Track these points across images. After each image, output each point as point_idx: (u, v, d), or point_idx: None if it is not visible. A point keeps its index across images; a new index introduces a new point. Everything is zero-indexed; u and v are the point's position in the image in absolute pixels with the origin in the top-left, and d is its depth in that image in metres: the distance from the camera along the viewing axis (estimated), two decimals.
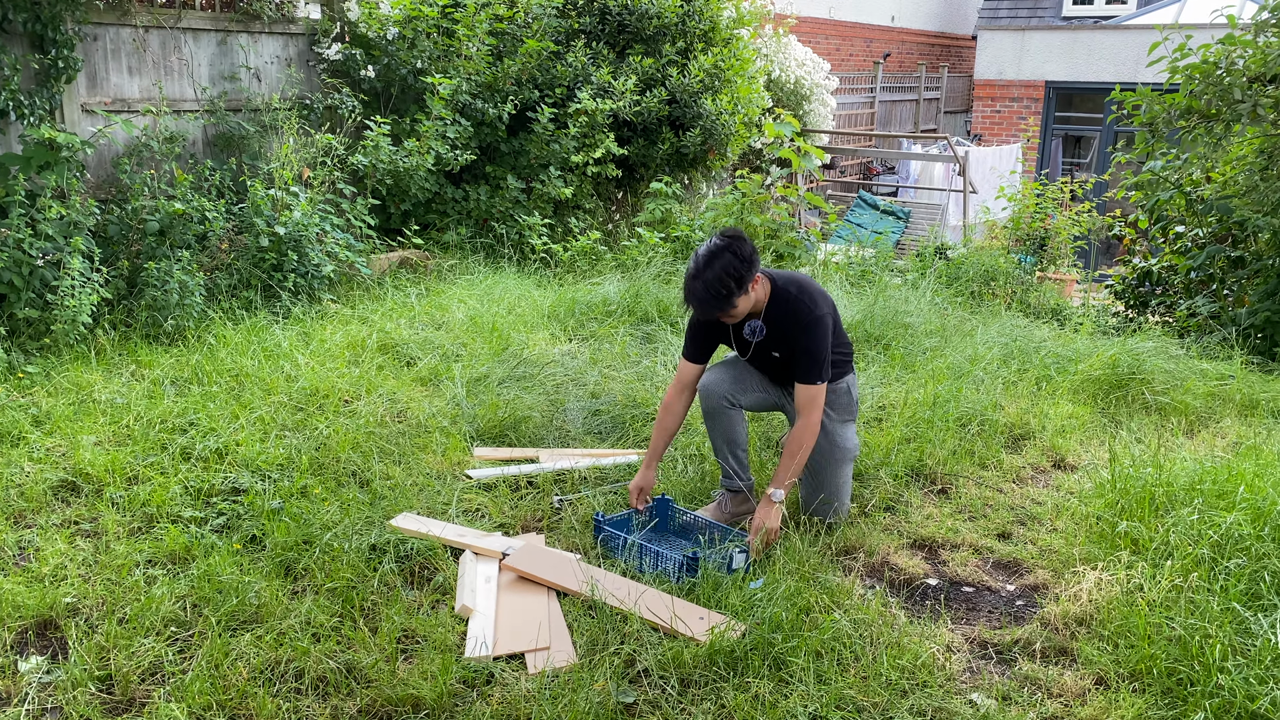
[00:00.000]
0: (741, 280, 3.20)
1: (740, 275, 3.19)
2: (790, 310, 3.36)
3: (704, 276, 3.18)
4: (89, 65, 5.75)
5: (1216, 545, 3.10)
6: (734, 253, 3.19)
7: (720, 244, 3.20)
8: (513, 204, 7.51)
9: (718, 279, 3.17)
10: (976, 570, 3.35)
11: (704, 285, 3.18)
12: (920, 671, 2.70)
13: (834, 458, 3.51)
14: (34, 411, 4.16)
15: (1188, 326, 6.68)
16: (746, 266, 3.20)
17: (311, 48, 6.97)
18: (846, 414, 3.57)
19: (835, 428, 3.53)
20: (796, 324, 3.34)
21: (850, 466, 3.58)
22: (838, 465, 3.51)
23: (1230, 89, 5.94)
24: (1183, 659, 2.67)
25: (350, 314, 5.72)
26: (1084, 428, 4.60)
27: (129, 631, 2.73)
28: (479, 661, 2.69)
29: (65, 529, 3.34)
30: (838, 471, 3.52)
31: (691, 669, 2.67)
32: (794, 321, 3.35)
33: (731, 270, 3.17)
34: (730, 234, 3.24)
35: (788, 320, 3.36)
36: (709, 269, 3.18)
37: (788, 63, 11.30)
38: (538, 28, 7.81)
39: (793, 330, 3.35)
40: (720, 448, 3.56)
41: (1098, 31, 16.29)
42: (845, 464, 3.54)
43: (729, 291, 3.19)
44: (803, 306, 3.34)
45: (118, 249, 5.39)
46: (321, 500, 3.51)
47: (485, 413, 4.36)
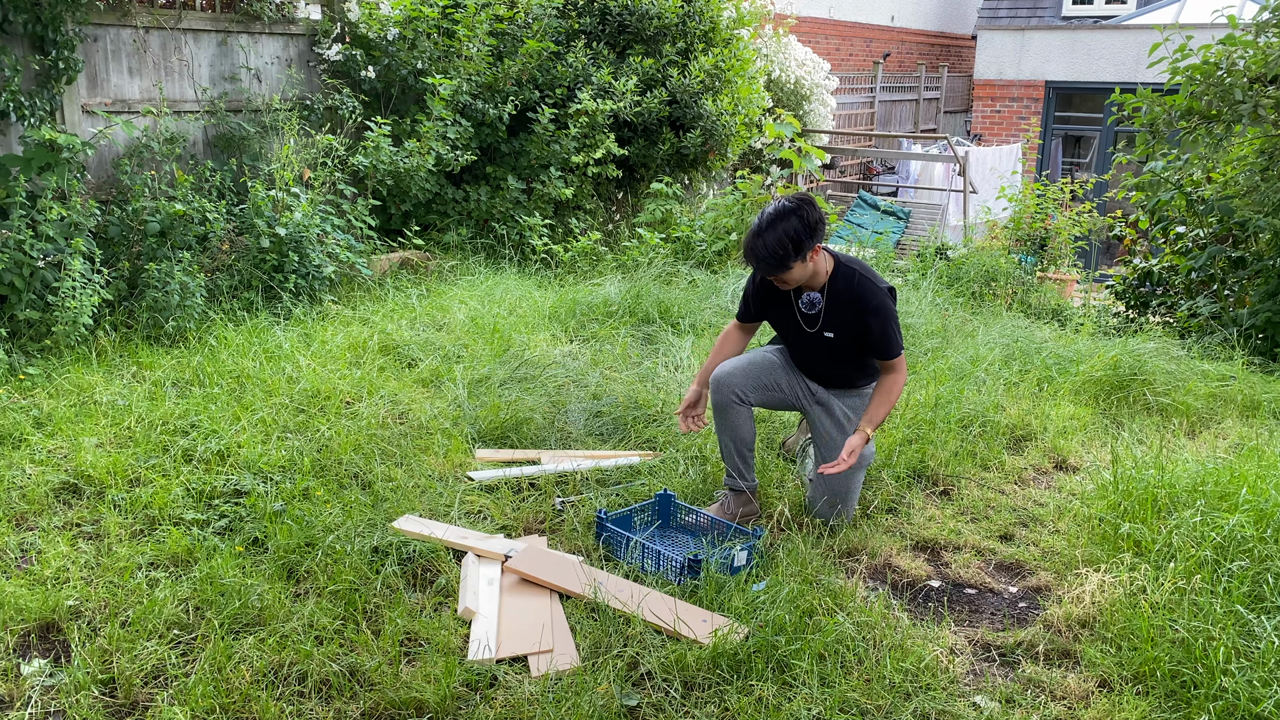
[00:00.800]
0: (801, 245, 3.20)
1: (800, 240, 3.19)
2: (853, 289, 3.36)
3: (765, 235, 3.20)
4: (89, 66, 5.75)
5: (1219, 547, 3.10)
6: (800, 217, 3.20)
7: (788, 206, 3.22)
8: (513, 204, 7.51)
9: (779, 240, 3.18)
10: (979, 572, 3.35)
11: (764, 244, 3.19)
12: (923, 674, 2.70)
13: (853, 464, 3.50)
14: (35, 413, 4.15)
15: (1189, 327, 6.68)
16: (809, 233, 3.21)
17: (312, 48, 6.96)
18: None
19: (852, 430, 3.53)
20: (860, 304, 3.34)
21: (863, 474, 3.59)
22: (851, 472, 3.51)
23: (1231, 89, 5.94)
24: (1186, 661, 2.67)
25: (351, 315, 5.72)
26: (1085, 429, 4.60)
27: (131, 634, 2.73)
28: (482, 664, 2.69)
29: (67, 531, 3.34)
30: (850, 478, 3.51)
31: (695, 672, 2.66)
32: (857, 301, 3.34)
33: (793, 233, 3.18)
34: (801, 198, 3.26)
35: (850, 299, 3.36)
36: (772, 229, 3.19)
37: (788, 63, 11.30)
38: (538, 28, 7.81)
39: (854, 309, 3.35)
40: (727, 445, 3.56)
41: (1098, 31, 16.29)
42: (859, 471, 3.54)
43: (786, 254, 3.19)
44: (866, 286, 3.36)
45: (118, 250, 5.38)
46: (323, 502, 3.51)
47: (487, 414, 4.36)
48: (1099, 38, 16.10)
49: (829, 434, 3.55)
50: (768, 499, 3.68)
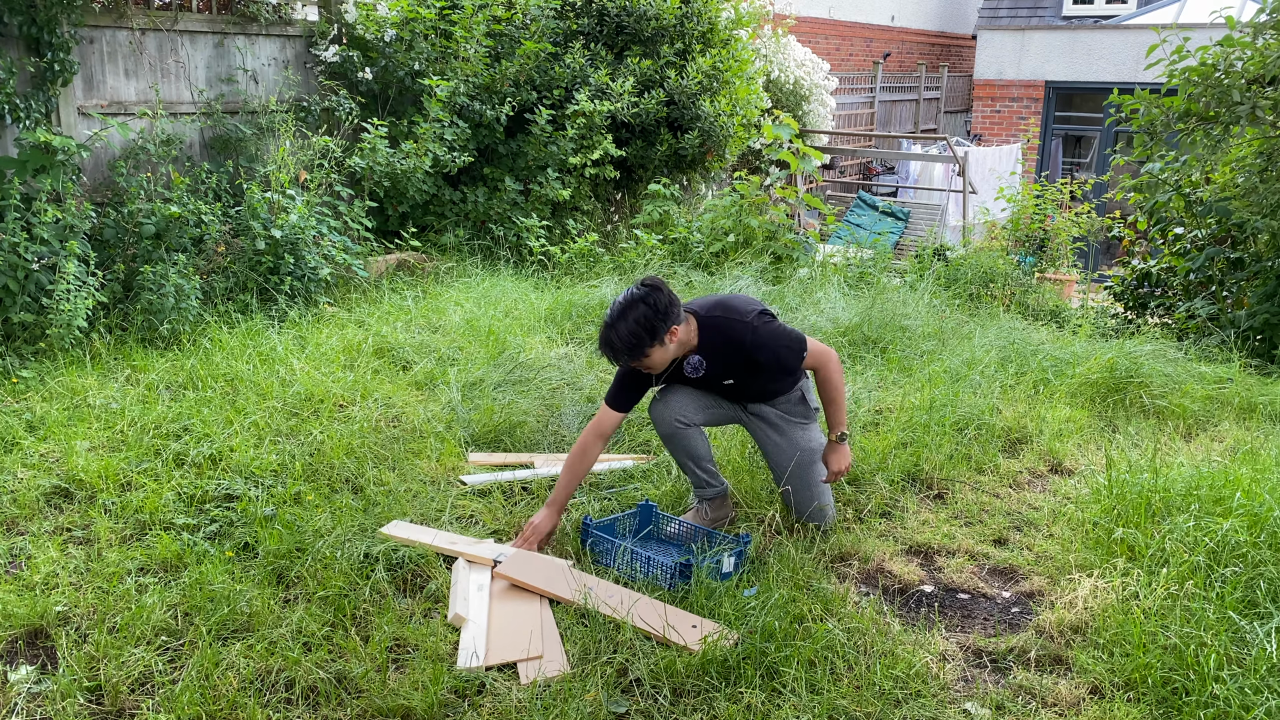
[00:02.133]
0: (655, 331, 3.16)
1: (654, 327, 3.16)
2: (725, 337, 3.31)
3: (617, 327, 3.16)
4: (85, 68, 5.74)
5: (1213, 552, 3.09)
6: (649, 304, 3.16)
7: (636, 294, 3.18)
8: (510, 206, 7.50)
9: (630, 330, 3.15)
10: (972, 577, 3.34)
11: (618, 335, 3.17)
12: (914, 681, 2.68)
13: (804, 460, 3.49)
14: (28, 417, 4.15)
15: (1187, 328, 6.67)
16: (661, 319, 3.16)
17: (309, 50, 6.96)
18: (803, 418, 3.55)
19: (795, 432, 3.52)
20: (738, 346, 3.29)
21: (817, 466, 3.54)
22: (809, 466, 3.50)
23: (1229, 91, 5.92)
24: (1178, 668, 2.66)
25: (347, 317, 5.71)
26: (1081, 431, 4.58)
27: (119, 641, 2.72)
28: (471, 672, 2.68)
29: (57, 536, 3.33)
30: (809, 472, 3.50)
31: (684, 678, 2.65)
32: (734, 345, 3.30)
33: (645, 322, 3.14)
34: (649, 283, 3.21)
35: (727, 347, 3.32)
36: (623, 320, 3.16)
37: (787, 63, 11.29)
38: (535, 29, 7.80)
39: (737, 353, 3.31)
40: (684, 464, 3.54)
41: (1098, 31, 16.27)
42: (815, 464, 3.52)
43: (641, 341, 3.16)
44: (735, 327, 3.30)
45: (113, 252, 5.38)
46: (315, 507, 3.50)
47: (480, 417, 4.35)
48: (1099, 38, 16.08)
49: (774, 441, 3.53)
50: (758, 507, 3.66)
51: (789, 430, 3.51)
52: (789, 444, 3.51)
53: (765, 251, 7.50)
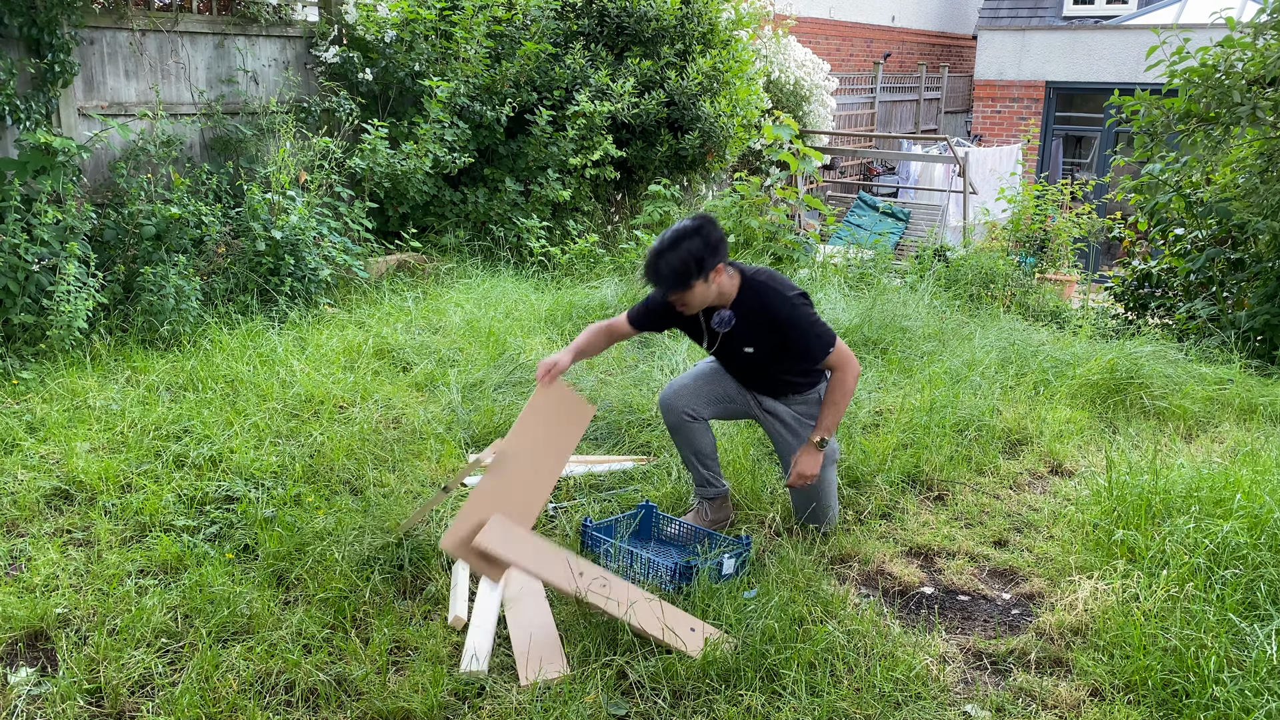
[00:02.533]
0: (703, 265, 3.15)
1: (702, 259, 3.14)
2: (762, 302, 3.30)
3: (667, 255, 3.14)
4: (85, 69, 5.74)
5: (1213, 554, 3.09)
6: (703, 236, 3.15)
7: (690, 226, 3.17)
8: (511, 206, 7.50)
9: (681, 259, 3.13)
10: (972, 578, 3.34)
11: (666, 263, 3.14)
12: (914, 683, 2.68)
13: None
14: (28, 418, 4.15)
15: (1187, 329, 6.66)
16: (711, 252, 3.16)
17: (309, 50, 6.96)
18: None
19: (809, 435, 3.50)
20: (772, 317, 3.29)
21: (833, 470, 3.55)
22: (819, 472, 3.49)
23: (1229, 92, 5.92)
24: (1178, 670, 2.66)
25: (347, 318, 5.71)
26: (1082, 433, 4.58)
27: (119, 643, 2.72)
28: (472, 675, 2.68)
29: (57, 538, 3.33)
30: (821, 476, 3.50)
31: (684, 681, 2.65)
32: (768, 315, 3.29)
33: (696, 252, 3.13)
34: (702, 217, 3.22)
35: (761, 313, 3.30)
36: (674, 249, 3.14)
37: (787, 64, 11.28)
38: (536, 30, 7.80)
39: (767, 322, 3.30)
40: (688, 459, 3.54)
41: (1098, 31, 16.26)
42: (827, 468, 3.51)
43: (689, 272, 3.14)
44: (775, 298, 3.30)
45: (114, 254, 5.38)
46: (315, 508, 3.50)
47: (480, 419, 4.35)
48: (1100, 38, 16.07)
49: (786, 441, 3.52)
50: (758, 509, 3.66)
51: (803, 433, 3.50)
52: (800, 445, 3.50)
53: (766, 252, 7.50)
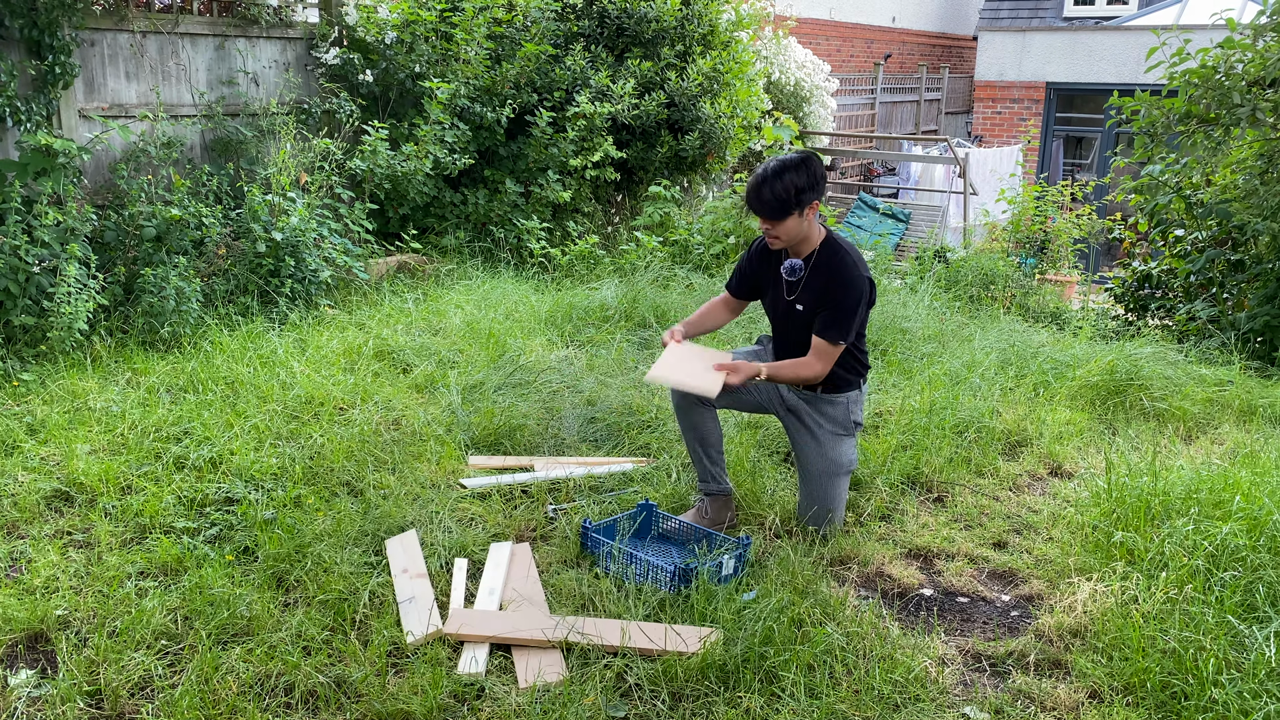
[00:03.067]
0: (802, 197, 3.25)
1: (802, 191, 3.24)
2: (835, 262, 3.37)
3: (771, 182, 3.24)
4: (86, 71, 5.75)
5: (1211, 556, 3.09)
6: (808, 170, 3.26)
7: (795, 159, 3.27)
8: (511, 208, 7.51)
9: (785, 187, 3.23)
10: (972, 580, 3.34)
11: (770, 189, 3.24)
12: (913, 685, 2.68)
13: (828, 472, 3.49)
14: (29, 420, 4.15)
15: (1187, 330, 6.67)
16: (810, 186, 3.26)
17: (309, 52, 6.96)
18: (842, 429, 3.52)
19: (829, 440, 3.51)
20: (836, 277, 3.35)
21: (846, 480, 3.56)
22: (831, 479, 3.50)
23: (1229, 93, 5.92)
24: (1177, 672, 2.66)
25: (347, 320, 5.71)
26: (1081, 434, 4.58)
27: (119, 645, 2.72)
28: (471, 676, 2.68)
29: (58, 540, 3.33)
30: (832, 484, 3.51)
31: (683, 683, 2.66)
32: (834, 274, 3.36)
33: (799, 184, 3.24)
34: (806, 153, 3.33)
35: (828, 269, 3.37)
36: (778, 178, 3.24)
37: (788, 65, 11.29)
38: (536, 31, 7.81)
39: (828, 280, 3.36)
40: (692, 446, 3.55)
41: (1099, 32, 16.26)
42: (840, 478, 3.52)
43: (789, 201, 3.24)
44: (848, 263, 3.37)
45: (114, 255, 5.39)
46: (315, 510, 3.50)
47: (480, 420, 4.35)
48: (1100, 39, 16.08)
49: (806, 442, 3.53)
50: (758, 510, 3.67)
51: (823, 438, 3.51)
52: (819, 452, 3.50)
53: None
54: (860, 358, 3.53)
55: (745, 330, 5.80)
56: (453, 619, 2.89)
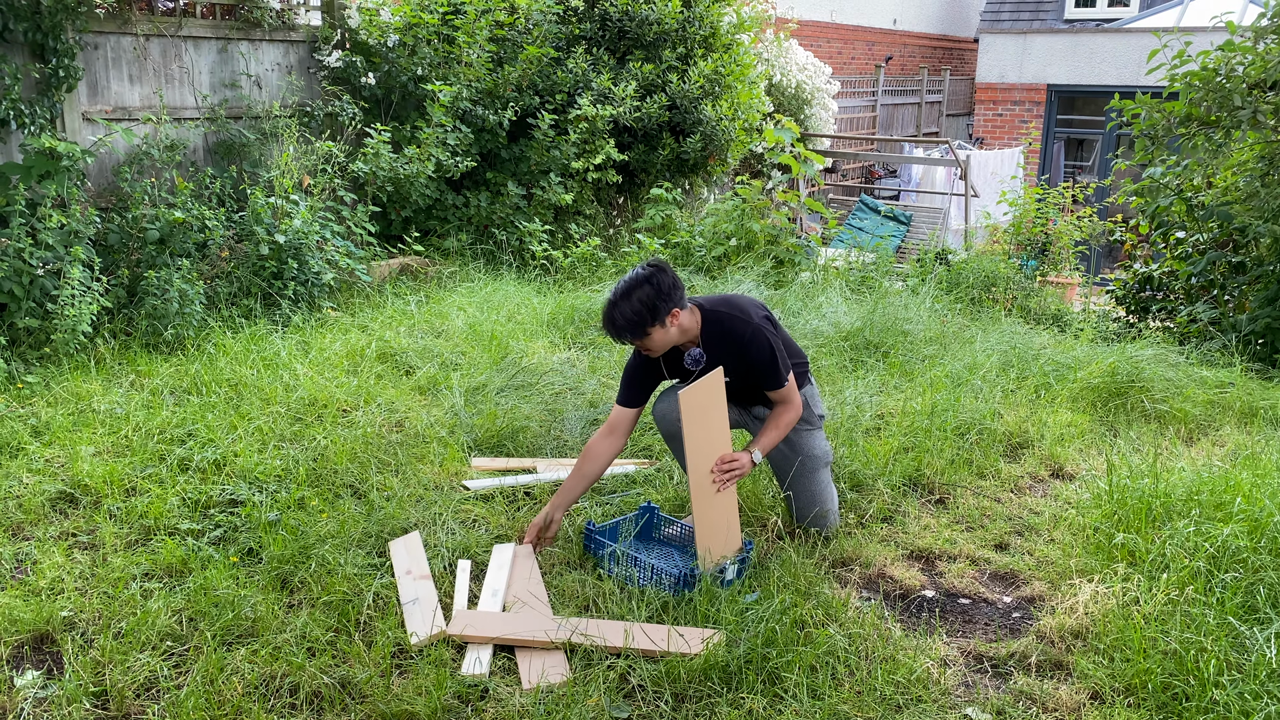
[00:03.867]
0: (656, 312, 3.18)
1: (656, 307, 3.18)
2: (724, 330, 3.33)
3: (620, 305, 3.19)
4: (90, 74, 5.77)
5: (1213, 558, 3.10)
6: (654, 284, 3.18)
7: (641, 275, 3.21)
8: (513, 210, 7.52)
9: (634, 309, 3.17)
10: (973, 582, 3.35)
11: (621, 314, 3.19)
12: (915, 686, 2.70)
13: (805, 467, 3.51)
14: (33, 422, 4.17)
15: (1188, 332, 6.67)
16: (663, 299, 3.19)
17: (312, 55, 6.98)
18: (806, 424, 3.55)
19: (801, 439, 3.52)
20: (736, 342, 3.31)
21: (826, 471, 3.57)
22: (812, 473, 3.52)
23: (1230, 95, 5.94)
24: (1178, 673, 2.67)
25: (350, 322, 5.73)
26: (1083, 436, 4.59)
27: (125, 646, 2.73)
28: (475, 677, 2.69)
29: (63, 541, 3.35)
30: (812, 479, 3.52)
31: (685, 684, 2.67)
32: (732, 340, 3.32)
33: (648, 300, 3.17)
34: (654, 264, 3.24)
35: (725, 341, 3.33)
36: (626, 299, 3.18)
37: (789, 67, 11.30)
38: (538, 34, 7.82)
39: (733, 349, 3.33)
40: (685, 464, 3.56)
41: (1100, 35, 16.28)
42: (818, 470, 3.53)
43: (644, 320, 3.18)
44: (736, 323, 3.33)
45: (118, 258, 5.40)
46: (319, 512, 3.52)
47: (483, 422, 4.37)
48: (1101, 41, 16.09)
49: (779, 449, 3.55)
50: (760, 512, 3.67)
51: (794, 437, 3.53)
52: (791, 449, 3.53)
53: (767, 255, 7.51)
54: (796, 356, 3.53)
55: None
56: (456, 620, 2.91)
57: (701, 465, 3.19)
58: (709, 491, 3.20)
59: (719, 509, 3.25)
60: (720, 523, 3.24)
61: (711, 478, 3.21)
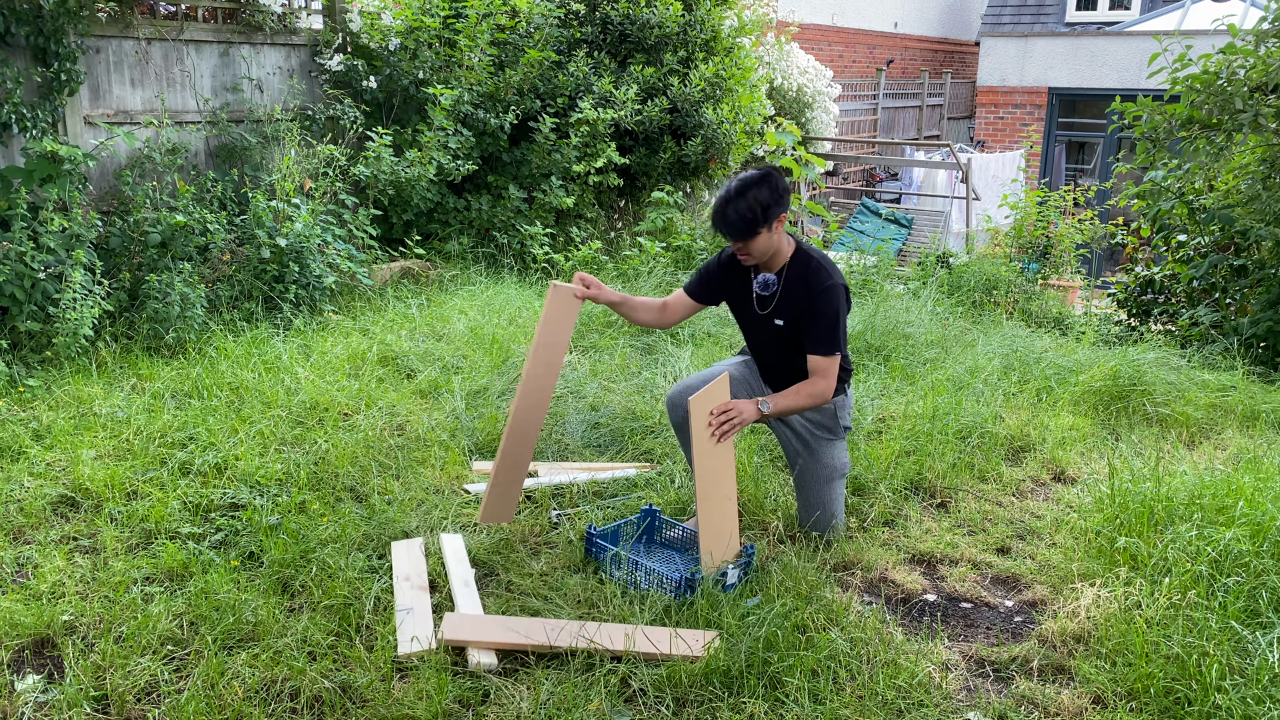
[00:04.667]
0: (769, 212, 3.22)
1: (768, 207, 3.22)
2: (807, 271, 3.35)
3: (735, 202, 3.22)
4: (91, 77, 5.77)
5: (1215, 562, 3.09)
6: (770, 185, 3.23)
7: (757, 175, 3.25)
8: (514, 213, 7.53)
9: (749, 206, 3.21)
10: (975, 586, 3.34)
11: (735, 209, 3.22)
12: (916, 690, 2.69)
13: (821, 476, 3.50)
14: (34, 426, 4.17)
15: (1190, 335, 6.67)
16: (776, 200, 3.23)
17: (313, 58, 6.99)
18: (831, 433, 3.53)
19: (821, 446, 3.52)
20: (810, 288, 3.32)
21: (841, 483, 3.57)
22: (826, 483, 3.51)
23: (1231, 98, 5.94)
24: (1180, 678, 2.66)
25: (351, 325, 5.73)
26: (1085, 440, 4.59)
27: (125, 650, 2.73)
28: (479, 674, 2.68)
29: (64, 545, 3.35)
30: (826, 488, 3.51)
31: (687, 689, 2.66)
32: (808, 285, 3.32)
33: (763, 200, 3.21)
34: (768, 167, 3.30)
35: (802, 280, 3.34)
36: (741, 196, 3.22)
37: (790, 71, 11.31)
38: (539, 38, 7.83)
39: (804, 294, 3.33)
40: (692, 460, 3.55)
41: (1101, 38, 16.28)
42: (834, 481, 3.53)
43: (755, 219, 3.21)
44: (820, 272, 3.34)
45: (119, 261, 5.40)
46: (320, 515, 3.51)
47: (484, 426, 4.37)
48: (1102, 44, 16.09)
49: (796, 450, 3.54)
50: (761, 515, 3.67)
51: (814, 443, 3.51)
52: (812, 457, 3.51)
53: None
54: (844, 362, 3.52)
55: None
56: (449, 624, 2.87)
57: (707, 471, 3.19)
58: (715, 497, 3.20)
59: (724, 513, 3.25)
60: (725, 527, 3.24)
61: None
